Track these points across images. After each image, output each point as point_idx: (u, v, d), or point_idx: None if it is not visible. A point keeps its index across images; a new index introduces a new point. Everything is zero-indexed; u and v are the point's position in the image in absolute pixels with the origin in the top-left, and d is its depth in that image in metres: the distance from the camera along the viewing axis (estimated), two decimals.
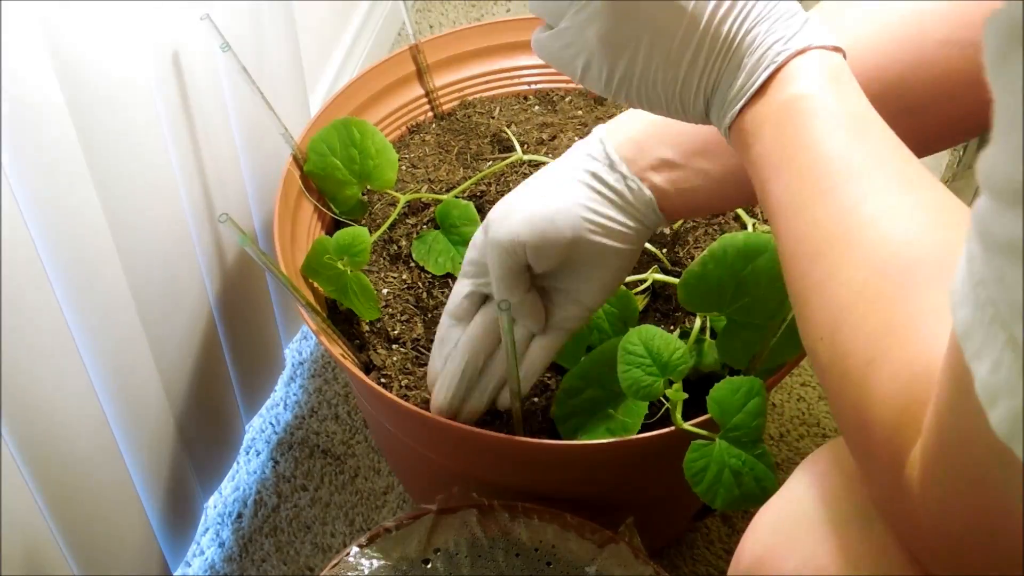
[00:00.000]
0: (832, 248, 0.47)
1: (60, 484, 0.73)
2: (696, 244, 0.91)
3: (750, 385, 0.70)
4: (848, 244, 0.47)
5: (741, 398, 0.70)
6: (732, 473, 0.70)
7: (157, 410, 0.83)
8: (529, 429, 0.80)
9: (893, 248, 0.46)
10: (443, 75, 1.02)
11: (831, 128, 0.50)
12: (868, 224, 0.47)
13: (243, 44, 0.82)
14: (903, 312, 0.43)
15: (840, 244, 0.47)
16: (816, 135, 0.50)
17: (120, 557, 0.82)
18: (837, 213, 0.48)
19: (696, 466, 0.70)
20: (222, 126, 0.85)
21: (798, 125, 0.51)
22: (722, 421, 0.70)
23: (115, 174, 0.71)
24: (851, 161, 0.49)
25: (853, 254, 0.47)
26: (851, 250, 0.47)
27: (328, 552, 1.00)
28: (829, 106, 0.50)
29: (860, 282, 0.46)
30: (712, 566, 0.98)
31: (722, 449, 0.70)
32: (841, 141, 0.50)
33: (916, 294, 0.44)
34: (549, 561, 0.78)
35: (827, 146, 0.50)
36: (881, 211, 0.47)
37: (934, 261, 0.44)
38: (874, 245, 0.46)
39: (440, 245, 0.89)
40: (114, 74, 0.68)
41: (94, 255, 0.70)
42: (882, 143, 0.50)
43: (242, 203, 0.92)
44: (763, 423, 0.70)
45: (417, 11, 1.58)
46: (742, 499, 0.70)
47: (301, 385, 1.13)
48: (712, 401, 0.71)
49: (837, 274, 0.47)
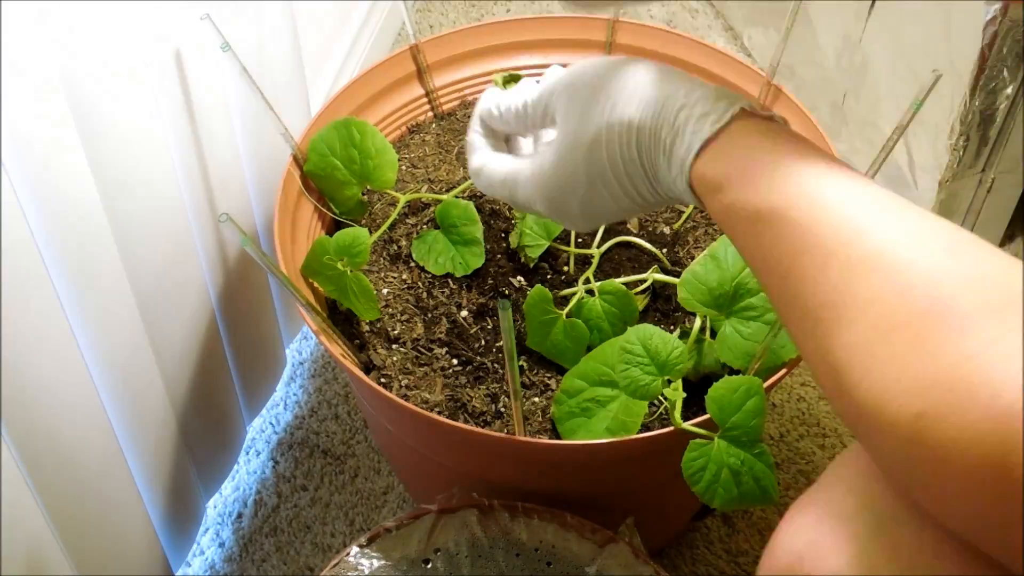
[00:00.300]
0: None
1: (61, 485, 0.73)
2: (696, 244, 0.91)
3: (748, 385, 0.70)
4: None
5: (740, 397, 0.70)
6: (731, 472, 0.70)
7: (159, 410, 0.83)
8: (529, 429, 0.81)
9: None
10: (443, 75, 1.02)
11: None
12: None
13: (243, 44, 0.82)
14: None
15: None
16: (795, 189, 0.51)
17: (121, 557, 0.82)
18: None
19: (695, 465, 0.70)
20: (223, 126, 0.85)
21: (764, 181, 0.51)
22: (720, 420, 0.70)
23: (116, 174, 0.71)
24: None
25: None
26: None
27: (328, 552, 1.01)
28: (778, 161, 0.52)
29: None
30: (712, 566, 0.98)
31: (721, 448, 0.70)
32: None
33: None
34: (549, 561, 0.78)
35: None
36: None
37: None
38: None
39: (440, 245, 0.89)
40: (115, 74, 0.68)
41: (96, 256, 0.70)
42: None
43: (243, 203, 0.92)
44: (762, 422, 0.70)
45: (417, 11, 1.58)
46: (741, 498, 0.70)
47: (301, 385, 1.13)
48: (711, 400, 0.71)
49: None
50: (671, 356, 0.72)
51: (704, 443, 0.70)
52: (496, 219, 0.92)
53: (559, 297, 0.86)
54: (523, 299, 0.87)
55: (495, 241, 0.90)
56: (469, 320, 0.87)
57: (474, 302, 0.88)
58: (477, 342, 0.86)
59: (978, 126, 1.06)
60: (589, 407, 0.78)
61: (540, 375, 0.84)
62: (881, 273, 0.45)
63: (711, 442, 0.70)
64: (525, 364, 0.85)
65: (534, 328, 0.83)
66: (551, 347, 0.84)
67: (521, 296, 0.88)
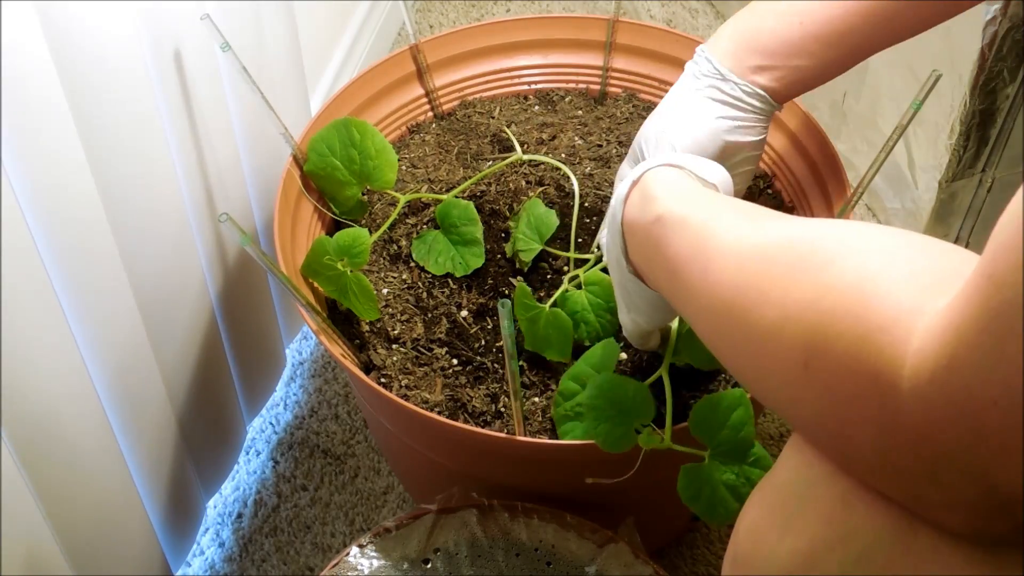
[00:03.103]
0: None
1: (61, 485, 0.72)
2: None
3: (730, 399, 0.70)
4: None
5: (723, 414, 0.69)
6: (727, 488, 0.70)
7: (159, 410, 0.83)
8: (529, 429, 0.81)
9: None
10: (443, 75, 1.02)
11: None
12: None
13: (243, 44, 0.82)
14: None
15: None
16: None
17: (121, 557, 0.82)
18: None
19: (689, 491, 0.70)
20: (223, 126, 0.85)
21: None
22: (708, 440, 0.70)
23: (117, 174, 0.71)
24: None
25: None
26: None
27: (328, 552, 1.01)
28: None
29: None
30: (712, 566, 0.98)
31: (712, 468, 0.70)
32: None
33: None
34: (549, 561, 0.78)
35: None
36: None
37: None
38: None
39: (440, 245, 0.89)
40: (115, 74, 0.68)
41: (96, 255, 0.70)
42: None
43: (243, 203, 0.92)
44: (751, 432, 0.70)
45: (417, 11, 1.58)
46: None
47: (301, 385, 1.13)
48: (693, 424, 0.70)
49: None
50: (636, 402, 0.72)
51: (695, 467, 0.70)
52: (496, 219, 0.91)
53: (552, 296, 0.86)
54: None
55: (495, 241, 0.90)
56: (469, 320, 0.87)
57: (474, 302, 0.88)
58: (477, 342, 0.86)
59: (978, 126, 1.06)
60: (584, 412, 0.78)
61: (540, 375, 0.84)
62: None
63: (702, 464, 0.70)
64: (525, 364, 0.84)
65: (526, 328, 0.83)
66: (542, 342, 0.83)
67: None
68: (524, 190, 0.92)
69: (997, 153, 1.09)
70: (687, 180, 0.65)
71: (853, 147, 1.25)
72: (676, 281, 0.59)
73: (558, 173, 0.94)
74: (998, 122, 1.06)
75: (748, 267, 0.51)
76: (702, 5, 1.57)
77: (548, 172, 0.94)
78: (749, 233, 0.53)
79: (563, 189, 0.93)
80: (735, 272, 0.52)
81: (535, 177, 0.94)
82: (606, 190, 0.94)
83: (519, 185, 0.93)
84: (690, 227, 0.58)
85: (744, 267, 0.51)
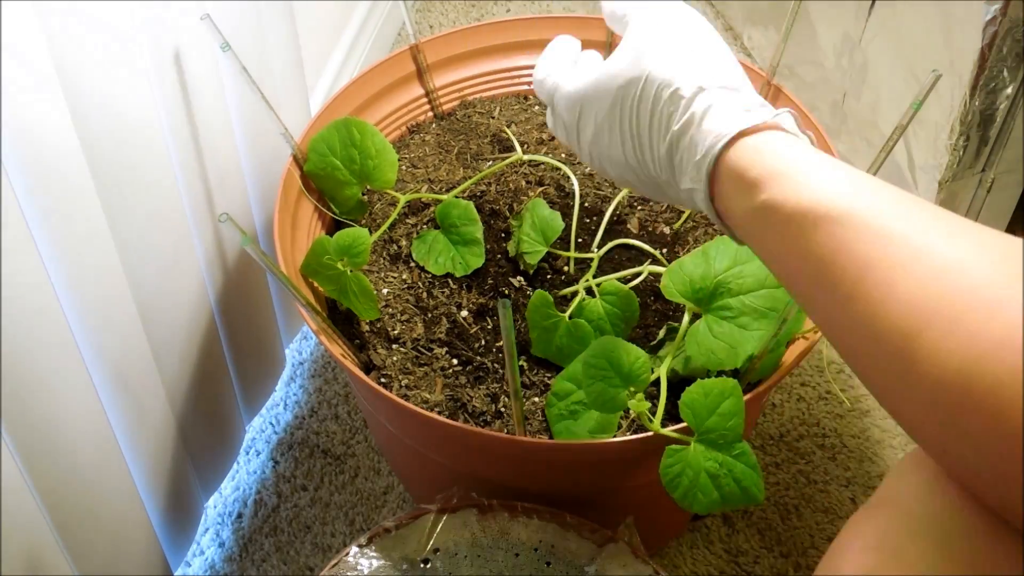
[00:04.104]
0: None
1: (61, 485, 0.72)
2: (696, 244, 0.91)
3: (722, 387, 0.70)
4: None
5: (713, 400, 0.69)
6: (709, 476, 0.69)
7: (158, 410, 0.83)
8: (529, 429, 0.81)
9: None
10: (443, 75, 1.02)
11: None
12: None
13: (243, 44, 0.82)
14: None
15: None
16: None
17: (121, 557, 0.82)
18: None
19: (671, 472, 0.70)
20: (223, 126, 0.85)
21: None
22: (695, 424, 0.70)
23: (116, 174, 0.71)
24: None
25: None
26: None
27: (328, 552, 1.01)
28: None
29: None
30: (712, 566, 0.98)
31: (697, 453, 0.70)
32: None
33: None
34: (549, 561, 0.78)
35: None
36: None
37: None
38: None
39: (440, 245, 0.89)
40: (115, 74, 0.68)
41: (95, 255, 0.70)
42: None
43: (242, 203, 0.92)
44: (740, 423, 0.70)
45: (417, 11, 1.58)
46: (723, 501, 0.69)
47: (301, 385, 1.13)
48: (683, 405, 0.70)
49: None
50: (634, 367, 0.72)
51: (680, 448, 0.70)
52: (496, 219, 0.92)
53: (559, 296, 0.86)
54: (523, 299, 0.87)
55: (495, 241, 0.90)
56: (469, 320, 0.87)
57: (474, 302, 0.88)
58: (477, 342, 0.86)
59: (978, 126, 1.06)
60: (577, 409, 0.78)
61: (540, 375, 0.84)
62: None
63: (687, 447, 0.70)
64: (525, 364, 0.85)
65: (537, 334, 0.83)
66: (556, 351, 0.83)
67: (521, 296, 0.88)
68: (524, 190, 0.93)
69: (997, 153, 1.09)
70: (819, 155, 0.53)
71: (853, 147, 1.25)
72: (824, 286, 0.49)
73: (558, 173, 0.94)
74: (998, 122, 1.06)
75: (932, 288, 0.43)
76: (702, 5, 1.57)
77: (548, 172, 0.94)
78: (943, 248, 0.45)
79: (563, 189, 0.93)
80: (919, 292, 0.44)
81: (535, 177, 0.94)
82: (606, 190, 0.94)
83: (519, 185, 0.93)
84: (864, 227, 0.47)
85: (928, 288, 0.44)
